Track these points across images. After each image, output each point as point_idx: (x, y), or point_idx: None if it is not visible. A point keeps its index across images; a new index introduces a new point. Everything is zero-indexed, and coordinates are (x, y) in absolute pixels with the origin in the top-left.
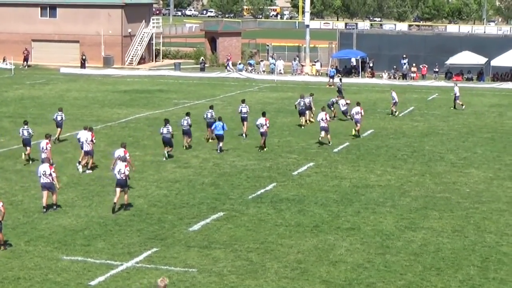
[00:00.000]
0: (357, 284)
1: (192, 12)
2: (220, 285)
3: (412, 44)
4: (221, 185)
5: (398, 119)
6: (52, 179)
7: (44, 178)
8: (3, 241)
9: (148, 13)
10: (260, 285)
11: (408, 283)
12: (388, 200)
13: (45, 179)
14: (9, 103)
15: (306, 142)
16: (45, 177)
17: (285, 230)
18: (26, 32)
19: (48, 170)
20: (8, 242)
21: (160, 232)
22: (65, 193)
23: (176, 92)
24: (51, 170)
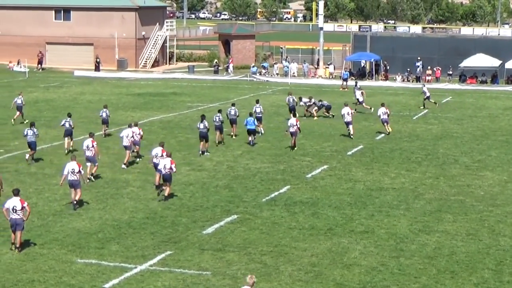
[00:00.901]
0: (371, 287)
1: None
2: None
3: (426, 46)
4: (235, 188)
5: (412, 122)
6: (79, 177)
7: (71, 175)
8: (21, 242)
9: (162, 16)
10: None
11: (422, 286)
12: (402, 203)
13: (73, 176)
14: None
15: (320, 145)
16: (73, 174)
17: (299, 233)
18: (41, 35)
19: (77, 167)
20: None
21: (174, 235)
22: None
23: (189, 95)
24: (80, 167)
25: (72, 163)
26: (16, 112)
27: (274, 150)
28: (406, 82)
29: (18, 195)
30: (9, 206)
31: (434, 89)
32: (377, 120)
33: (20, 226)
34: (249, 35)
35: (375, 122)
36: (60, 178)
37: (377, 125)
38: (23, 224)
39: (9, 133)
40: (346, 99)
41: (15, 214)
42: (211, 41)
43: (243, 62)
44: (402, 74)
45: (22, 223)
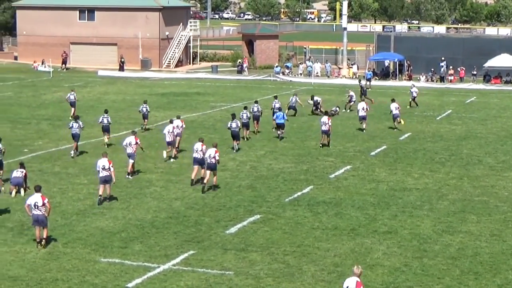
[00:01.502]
0: (394, 287)
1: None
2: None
3: (450, 46)
4: (258, 188)
5: (435, 122)
6: (110, 173)
7: (103, 172)
8: (47, 237)
9: (186, 16)
10: None
11: (446, 287)
12: (425, 203)
13: (104, 172)
14: (48, 105)
15: (343, 145)
16: (104, 170)
17: (321, 233)
18: (65, 35)
19: (107, 164)
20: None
21: (197, 235)
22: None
23: (213, 95)
24: (110, 164)
25: (103, 160)
26: (71, 108)
27: (297, 150)
28: (430, 82)
29: (40, 192)
30: (30, 203)
31: (458, 89)
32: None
33: (43, 222)
34: (273, 35)
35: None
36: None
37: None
38: (45, 220)
39: (33, 132)
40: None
41: (37, 210)
42: (234, 41)
43: (266, 62)
44: (426, 74)
45: (44, 219)
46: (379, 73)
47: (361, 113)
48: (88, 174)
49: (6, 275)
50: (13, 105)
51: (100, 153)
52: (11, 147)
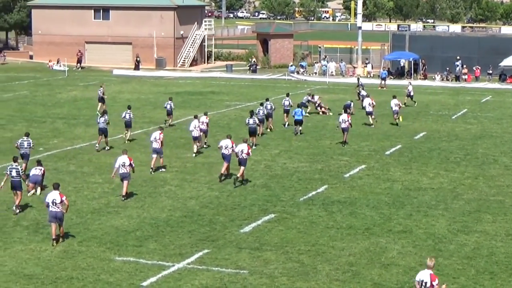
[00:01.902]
0: (409, 287)
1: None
2: (271, 287)
3: (466, 45)
4: (272, 187)
5: (451, 121)
6: (129, 170)
7: (122, 168)
8: (63, 234)
9: (200, 15)
10: (311, 287)
11: (461, 287)
12: (440, 203)
13: (123, 169)
14: (63, 104)
15: (358, 145)
16: (123, 167)
17: (336, 232)
18: (80, 34)
19: (127, 161)
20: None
21: (211, 234)
22: (117, 194)
23: (227, 94)
24: (131, 161)
25: (123, 157)
26: (99, 104)
27: (312, 150)
28: (445, 81)
29: (58, 189)
30: (49, 200)
31: (474, 88)
32: (416, 119)
33: (60, 219)
34: (287, 34)
35: (413, 121)
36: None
37: (415, 124)
38: (62, 217)
39: (48, 131)
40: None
41: (54, 207)
42: (249, 40)
43: (281, 61)
44: (441, 73)
45: (61, 216)
46: (394, 72)
47: (368, 108)
48: (103, 173)
49: (21, 273)
50: (28, 104)
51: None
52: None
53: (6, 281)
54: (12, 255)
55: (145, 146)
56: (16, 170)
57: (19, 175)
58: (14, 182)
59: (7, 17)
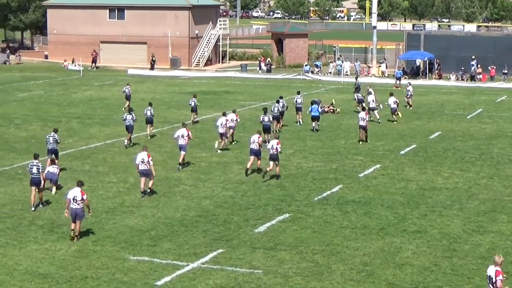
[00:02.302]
0: (423, 287)
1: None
2: (286, 286)
3: (481, 45)
4: (287, 186)
5: (466, 121)
6: (149, 166)
7: (142, 165)
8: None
9: (215, 14)
10: (326, 287)
11: (476, 287)
12: (455, 203)
13: (143, 166)
14: (78, 104)
15: (373, 144)
16: (143, 164)
17: (351, 232)
18: (95, 34)
19: (146, 158)
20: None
21: (225, 233)
22: (132, 193)
23: (242, 94)
24: (149, 158)
25: (143, 153)
26: (126, 101)
27: (326, 149)
28: (460, 81)
29: (81, 186)
30: (70, 196)
31: (489, 88)
32: (431, 119)
33: (79, 216)
34: (302, 33)
35: (428, 121)
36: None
37: (430, 123)
38: (82, 214)
39: (63, 130)
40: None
41: (75, 204)
42: (264, 39)
43: (296, 61)
44: (456, 73)
45: (81, 213)
46: (409, 72)
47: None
48: (117, 173)
49: (36, 272)
50: (43, 103)
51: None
52: (41, 145)
53: (21, 280)
54: (27, 255)
55: (160, 146)
56: (36, 167)
57: (39, 172)
58: (34, 179)
59: (22, 17)
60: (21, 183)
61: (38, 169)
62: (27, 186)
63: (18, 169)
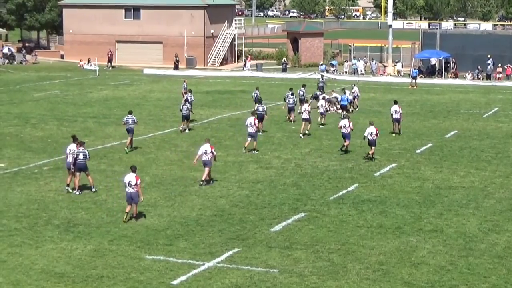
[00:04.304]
0: (439, 286)
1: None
2: (301, 286)
3: (497, 44)
4: (303, 185)
5: (482, 120)
6: (210, 157)
7: (204, 156)
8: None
9: (231, 14)
10: (341, 286)
11: (492, 286)
12: (471, 202)
13: (206, 156)
14: (94, 103)
15: (389, 143)
16: (206, 155)
17: (366, 231)
18: (111, 33)
19: (209, 149)
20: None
21: (241, 233)
22: (147, 193)
23: None
24: (212, 149)
25: (206, 145)
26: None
27: None
28: (476, 80)
29: (135, 172)
30: (126, 181)
31: (505, 87)
32: (447, 118)
33: (135, 199)
34: (318, 33)
35: (444, 120)
36: None
37: (446, 122)
38: (137, 198)
39: (79, 130)
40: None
41: (130, 188)
42: (279, 39)
43: (311, 60)
44: (472, 72)
45: (136, 197)
46: (424, 71)
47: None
48: None
49: (52, 271)
50: (59, 103)
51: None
52: (57, 144)
53: (37, 279)
54: (43, 254)
55: (175, 145)
56: (83, 153)
57: (85, 158)
58: (80, 164)
59: (38, 17)
60: (37, 183)
61: (85, 156)
62: (43, 186)
63: (34, 168)
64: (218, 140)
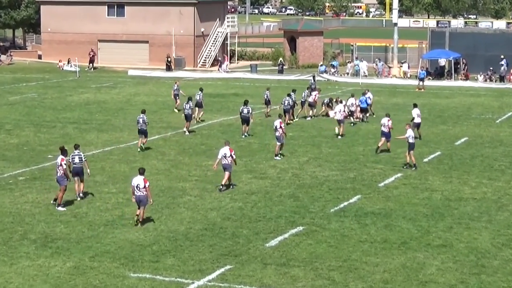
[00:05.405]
0: None
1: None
2: None
3: (511, 43)
4: (301, 197)
5: (495, 126)
6: (230, 161)
7: (224, 159)
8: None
9: (223, 11)
10: None
11: None
12: (483, 214)
13: (225, 160)
14: (74, 108)
15: (394, 151)
16: (225, 158)
17: (370, 246)
18: (92, 32)
19: (228, 152)
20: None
21: (234, 248)
22: (132, 205)
23: (252, 96)
24: (232, 152)
25: (225, 148)
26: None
27: (343, 157)
28: (488, 82)
29: (143, 174)
30: (134, 184)
31: None
32: (457, 124)
33: (143, 202)
34: (317, 31)
35: (454, 126)
36: (113, 186)
37: (456, 128)
38: (146, 201)
39: (58, 137)
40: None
41: (139, 192)
42: (275, 38)
43: (310, 60)
44: (484, 73)
45: (145, 200)
46: (433, 73)
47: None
48: (117, 182)
49: None
50: (37, 107)
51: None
52: (34, 152)
53: None
54: (19, 272)
55: (162, 153)
56: (78, 156)
57: (81, 161)
58: (76, 168)
59: (14, 14)
60: (12, 194)
61: (81, 159)
62: (18, 197)
63: (8, 178)
64: (209, 148)
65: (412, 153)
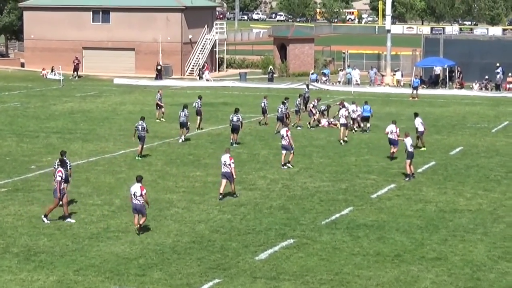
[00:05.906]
0: None
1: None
2: None
3: (507, 51)
4: (291, 209)
5: (490, 135)
6: (231, 169)
7: (224, 167)
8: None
9: (211, 17)
10: None
11: None
12: (479, 226)
13: (226, 168)
14: (58, 117)
15: (387, 162)
16: (225, 166)
17: (362, 259)
18: (77, 39)
19: (228, 160)
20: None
21: (223, 261)
22: (118, 217)
23: (241, 105)
24: (231, 160)
25: (225, 156)
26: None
27: (335, 167)
28: (484, 90)
29: (140, 182)
30: (132, 192)
31: None
32: (451, 133)
33: (140, 211)
34: (308, 38)
35: (448, 135)
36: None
37: (451, 138)
38: (143, 209)
39: (41, 147)
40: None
41: (136, 199)
42: (265, 45)
43: (300, 68)
44: (479, 81)
45: (141, 208)
46: (427, 81)
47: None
48: (102, 194)
49: None
50: (19, 116)
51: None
52: (17, 163)
53: None
54: (1, 286)
55: (149, 164)
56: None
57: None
58: (66, 175)
59: None
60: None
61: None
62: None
63: None
64: (197, 158)
65: (409, 162)
